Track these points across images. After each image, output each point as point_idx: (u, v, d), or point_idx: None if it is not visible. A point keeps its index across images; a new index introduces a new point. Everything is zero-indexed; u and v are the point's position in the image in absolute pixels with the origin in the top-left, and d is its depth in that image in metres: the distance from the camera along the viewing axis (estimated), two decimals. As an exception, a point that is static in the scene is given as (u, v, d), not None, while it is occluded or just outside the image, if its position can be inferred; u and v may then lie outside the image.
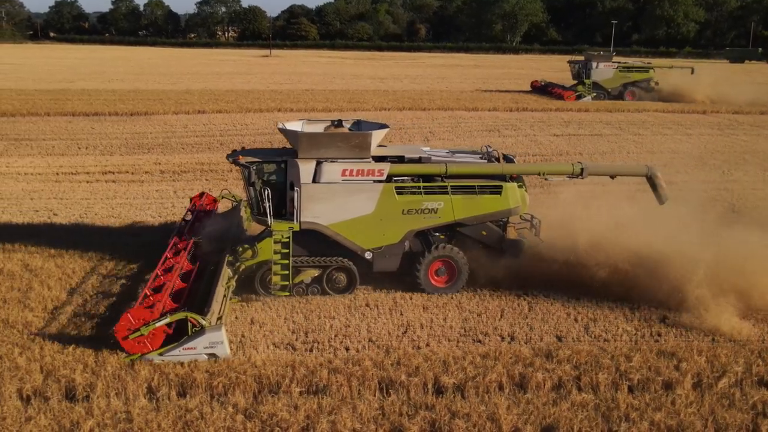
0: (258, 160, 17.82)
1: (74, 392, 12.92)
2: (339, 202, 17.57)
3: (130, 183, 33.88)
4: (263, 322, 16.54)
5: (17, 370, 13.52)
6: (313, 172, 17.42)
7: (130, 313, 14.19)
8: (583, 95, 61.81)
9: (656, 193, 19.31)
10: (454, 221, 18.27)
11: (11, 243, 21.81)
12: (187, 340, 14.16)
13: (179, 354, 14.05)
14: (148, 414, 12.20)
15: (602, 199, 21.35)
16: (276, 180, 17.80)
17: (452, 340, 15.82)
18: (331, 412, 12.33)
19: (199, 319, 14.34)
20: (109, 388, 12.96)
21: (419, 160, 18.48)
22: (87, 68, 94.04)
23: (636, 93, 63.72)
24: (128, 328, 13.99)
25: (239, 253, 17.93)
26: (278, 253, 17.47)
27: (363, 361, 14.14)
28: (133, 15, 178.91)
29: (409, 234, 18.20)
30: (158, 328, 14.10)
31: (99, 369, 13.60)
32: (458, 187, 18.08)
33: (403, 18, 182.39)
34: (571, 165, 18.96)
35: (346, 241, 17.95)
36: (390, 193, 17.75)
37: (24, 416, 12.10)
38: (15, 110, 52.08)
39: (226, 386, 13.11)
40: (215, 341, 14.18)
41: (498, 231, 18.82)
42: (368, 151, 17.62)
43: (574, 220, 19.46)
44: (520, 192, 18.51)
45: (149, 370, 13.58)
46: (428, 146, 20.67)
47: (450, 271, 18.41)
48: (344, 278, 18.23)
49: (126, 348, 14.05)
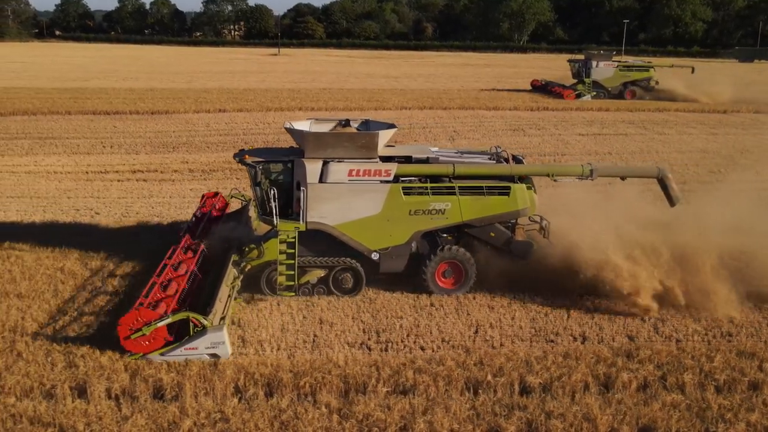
0: (264, 159, 17.73)
1: (162, 392, 12.90)
2: (345, 203, 17.43)
3: (161, 182, 33.84)
4: (332, 321, 16.50)
5: (102, 370, 13.51)
6: (319, 172, 17.26)
7: (131, 313, 14.13)
8: (582, 94, 61.83)
9: (667, 195, 18.98)
10: (462, 222, 18.08)
11: (67, 243, 21.75)
12: (189, 340, 14.13)
13: (181, 354, 14.03)
14: (242, 414, 12.17)
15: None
16: (282, 180, 17.71)
17: (525, 340, 15.78)
18: (425, 412, 12.30)
19: (200, 319, 14.28)
20: (197, 388, 12.94)
21: (427, 160, 18.34)
22: (98, 67, 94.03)
23: (636, 92, 63.66)
24: (130, 328, 13.96)
25: (245, 253, 17.84)
26: (284, 253, 17.29)
27: (445, 361, 14.11)
28: (139, 13, 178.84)
29: (416, 235, 18.04)
30: (160, 327, 14.04)
31: (184, 369, 13.58)
32: (466, 188, 17.88)
33: (409, 17, 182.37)
34: (580, 166, 18.67)
35: (352, 242, 17.79)
36: (397, 194, 17.60)
37: (119, 415, 12.08)
38: (36, 109, 52.06)
39: (312, 386, 13.08)
40: (217, 341, 14.13)
41: (506, 232, 18.56)
42: (375, 151, 17.48)
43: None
44: (528, 193, 18.30)
45: (234, 370, 13.54)
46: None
47: (457, 273, 18.23)
48: (350, 279, 18.04)
49: (127, 347, 14.05)
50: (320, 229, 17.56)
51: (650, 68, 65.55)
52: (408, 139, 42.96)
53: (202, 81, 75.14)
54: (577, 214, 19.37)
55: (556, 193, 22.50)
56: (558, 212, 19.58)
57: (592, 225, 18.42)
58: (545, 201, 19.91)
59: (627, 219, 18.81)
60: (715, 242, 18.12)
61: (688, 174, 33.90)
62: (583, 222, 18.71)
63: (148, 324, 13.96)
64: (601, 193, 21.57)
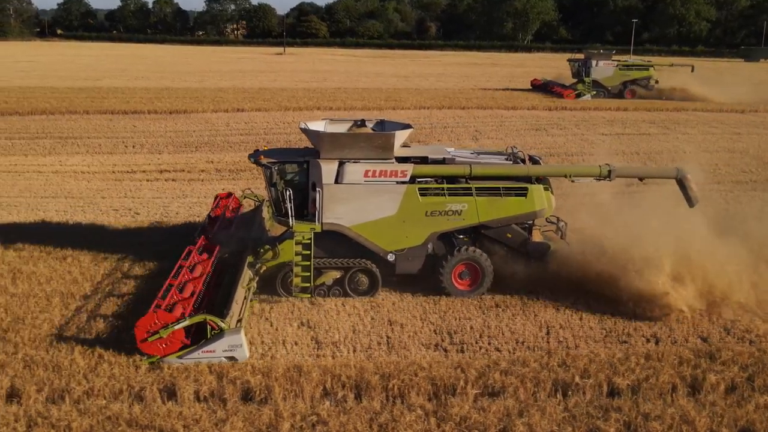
0: (280, 160, 17.58)
1: (251, 394, 12.82)
2: (361, 204, 17.29)
3: (190, 182, 33.80)
4: (402, 323, 16.44)
5: (188, 372, 13.44)
6: (335, 172, 17.15)
7: (148, 315, 13.95)
8: (582, 93, 61.78)
9: (686, 196, 18.75)
10: (479, 223, 17.96)
11: (119, 243, 21.68)
12: (206, 342, 14.00)
13: (198, 357, 13.90)
14: (339, 416, 12.10)
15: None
16: (298, 180, 17.54)
17: (598, 341, 15.73)
18: (521, 414, 12.24)
19: (218, 322, 14.11)
20: (285, 390, 12.86)
21: (443, 161, 18.22)
22: (106, 66, 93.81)
23: (635, 91, 63.62)
24: (147, 330, 13.80)
25: (260, 255, 17.70)
26: (299, 255, 17.09)
27: (528, 363, 14.07)
28: (142, 12, 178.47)
29: (433, 236, 17.90)
30: (177, 330, 13.91)
31: (269, 371, 13.50)
32: (483, 189, 17.76)
33: (411, 16, 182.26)
34: (598, 167, 18.51)
35: (368, 243, 17.65)
36: (413, 195, 17.47)
37: (215, 418, 12.00)
38: (53, 108, 51.93)
39: (401, 388, 13.01)
40: (235, 344, 13.99)
41: (523, 234, 18.46)
42: (391, 152, 17.38)
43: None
44: (546, 194, 18.19)
45: (319, 372, 13.47)
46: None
47: (474, 274, 18.08)
48: (366, 280, 17.87)
49: (144, 350, 13.90)
50: (336, 230, 17.42)
51: (650, 67, 65.65)
52: (431, 138, 42.95)
53: (214, 80, 74.98)
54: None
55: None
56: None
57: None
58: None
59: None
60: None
61: (720, 174, 33.92)
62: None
63: (165, 327, 13.83)
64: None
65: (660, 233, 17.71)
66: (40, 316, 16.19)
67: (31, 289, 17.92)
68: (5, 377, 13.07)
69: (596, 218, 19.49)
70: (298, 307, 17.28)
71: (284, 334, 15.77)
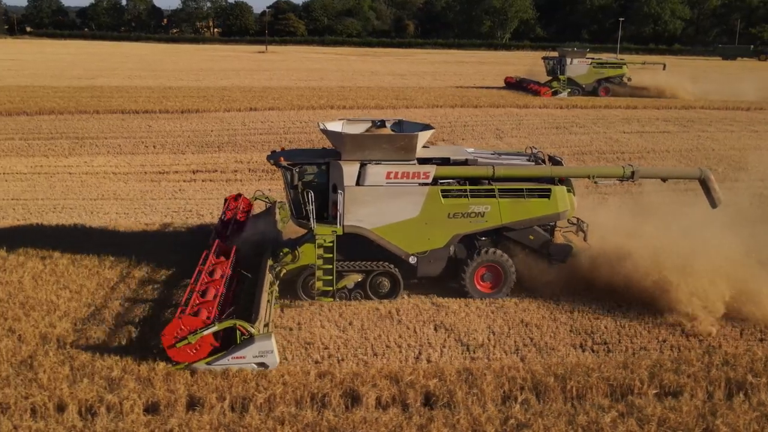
0: (300, 162, 17.26)
1: (433, 399, 12.68)
2: (383, 206, 17.07)
3: (228, 182, 33.45)
4: (536, 323, 16.40)
5: (360, 376, 13.23)
6: (356, 174, 16.91)
7: (176, 321, 13.61)
8: (558, 91, 62.41)
9: (709, 197, 18.74)
10: (501, 225, 17.77)
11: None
12: (236, 348, 13.62)
13: (228, 363, 13.53)
14: (538, 419, 12.01)
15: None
16: (317, 182, 17.24)
17: (735, 338, 15.83)
18: (713, 413, 12.26)
19: (248, 327, 13.76)
20: (467, 394, 12.74)
21: (465, 162, 18.03)
22: (92, 64, 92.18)
23: (609, 89, 64.35)
24: (175, 336, 13.46)
25: (280, 258, 17.41)
26: (321, 258, 16.90)
27: (692, 362, 14.06)
28: (116, 10, 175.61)
29: (455, 238, 17.71)
30: (206, 336, 13.58)
31: (443, 374, 13.37)
32: (506, 191, 17.59)
33: (387, 14, 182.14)
34: (621, 167, 18.41)
35: (389, 245, 17.44)
36: (436, 197, 17.29)
37: (412, 422, 11.83)
38: (62, 108, 50.93)
39: (579, 390, 12.99)
40: (265, 350, 13.62)
41: (545, 235, 18.30)
42: (413, 153, 17.15)
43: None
44: (568, 195, 18.09)
45: (492, 375, 13.36)
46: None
47: (496, 277, 17.92)
48: (388, 283, 17.67)
49: (172, 356, 13.55)
50: (357, 232, 17.18)
51: (623, 65, 66.50)
52: (454, 138, 42.90)
53: (211, 79, 74.13)
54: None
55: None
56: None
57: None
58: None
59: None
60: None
61: (763, 171, 34.15)
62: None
63: (193, 332, 13.48)
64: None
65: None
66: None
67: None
68: (180, 386, 12.73)
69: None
70: (422, 308, 17.17)
71: (425, 336, 15.65)
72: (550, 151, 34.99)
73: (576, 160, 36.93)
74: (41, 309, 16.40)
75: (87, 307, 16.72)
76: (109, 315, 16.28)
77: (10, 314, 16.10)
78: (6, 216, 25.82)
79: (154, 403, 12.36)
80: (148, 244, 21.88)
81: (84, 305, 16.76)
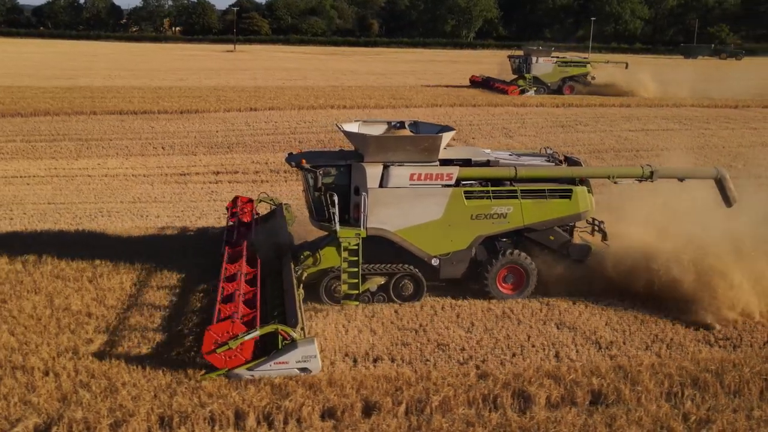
0: (323, 164, 17.04)
1: (601, 397, 12.82)
2: (406, 208, 17.00)
3: (254, 183, 33.24)
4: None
5: (522, 377, 13.34)
6: (380, 176, 16.82)
7: (213, 328, 13.35)
8: (526, 90, 63.37)
9: (724, 196, 18.84)
10: (523, 226, 17.77)
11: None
12: (278, 353, 13.28)
13: (270, 369, 13.18)
14: (721, 414, 12.25)
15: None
16: (338, 184, 17.02)
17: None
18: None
19: (290, 332, 13.47)
20: (631, 391, 12.92)
21: (487, 163, 17.99)
22: (62, 64, 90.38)
23: (574, 87, 65.49)
24: (215, 342, 13.15)
25: (301, 261, 17.25)
26: (347, 261, 16.65)
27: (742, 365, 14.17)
28: (74, 8, 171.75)
29: (478, 239, 17.69)
30: (247, 341, 13.27)
31: (598, 372, 13.53)
32: (528, 191, 17.60)
33: (349, 12, 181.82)
34: (640, 167, 18.55)
35: (412, 248, 17.36)
36: (459, 198, 17.24)
37: (592, 421, 11.99)
38: (57, 109, 49.82)
39: (736, 384, 13.27)
40: (308, 355, 13.31)
41: (565, 236, 18.32)
42: (436, 155, 17.08)
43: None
44: (588, 196, 18.14)
45: (650, 371, 13.57)
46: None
47: (518, 278, 17.88)
48: (411, 286, 17.50)
49: (212, 363, 13.22)
50: (380, 235, 17.09)
51: (587, 64, 67.86)
52: (464, 137, 43.11)
53: (195, 79, 73.22)
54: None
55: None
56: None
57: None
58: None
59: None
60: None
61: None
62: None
63: (234, 337, 13.16)
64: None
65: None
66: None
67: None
68: (351, 391, 12.66)
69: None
70: (534, 308, 17.31)
71: (552, 335, 15.81)
72: (563, 150, 35.55)
73: (595, 159, 37.48)
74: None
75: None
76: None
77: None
78: (58, 221, 25.22)
79: (329, 408, 12.24)
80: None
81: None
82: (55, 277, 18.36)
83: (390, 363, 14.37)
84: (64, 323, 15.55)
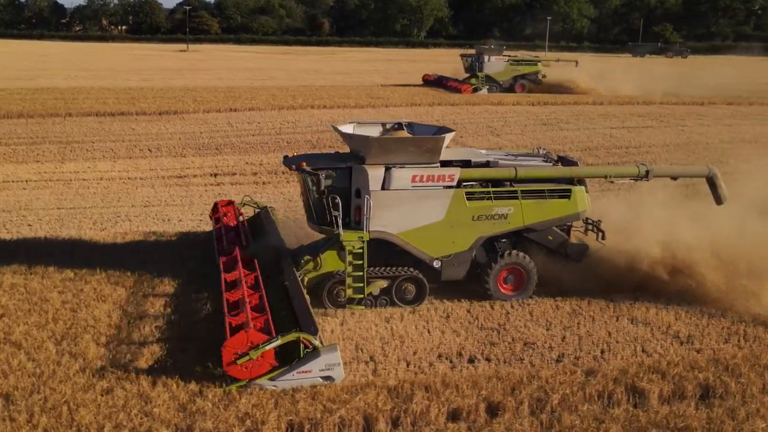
0: (323, 167, 16.77)
1: (710, 391, 13.08)
2: (408, 210, 16.88)
3: (255, 184, 32.83)
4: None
5: (619, 373, 13.58)
6: (382, 178, 16.66)
7: (233, 339, 12.94)
8: (479, 88, 64.23)
9: (715, 194, 19.13)
10: (524, 227, 17.82)
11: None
12: (301, 362, 12.92)
13: (292, 378, 12.82)
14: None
15: None
16: (337, 187, 16.81)
17: None
18: None
19: (312, 340, 13.09)
20: (736, 384, 13.24)
21: (486, 164, 17.99)
22: (19, 64, 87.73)
23: (525, 85, 66.70)
24: (234, 353, 12.74)
25: (301, 266, 17.03)
26: (351, 264, 16.59)
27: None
28: (14, 6, 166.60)
29: (479, 241, 17.68)
30: (268, 351, 12.86)
31: (701, 366, 13.85)
32: (528, 192, 17.64)
33: (297, 11, 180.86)
34: (636, 167, 18.68)
35: (414, 250, 17.26)
36: (461, 199, 17.18)
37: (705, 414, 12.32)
38: (31, 111, 48.38)
39: None
40: (332, 363, 12.98)
41: (563, 235, 18.47)
42: (438, 156, 17.01)
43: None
44: (586, 195, 18.27)
45: (746, 366, 13.91)
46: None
47: (518, 279, 17.94)
48: (413, 289, 17.40)
49: (232, 374, 12.80)
50: (382, 237, 16.98)
51: (538, 63, 69.13)
52: (455, 136, 43.30)
53: (160, 80, 72.01)
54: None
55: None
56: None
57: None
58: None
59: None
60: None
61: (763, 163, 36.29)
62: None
63: (255, 347, 12.78)
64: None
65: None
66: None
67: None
68: (471, 391, 12.67)
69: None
70: (600, 304, 17.57)
71: (632, 331, 16.07)
72: (555, 148, 36.14)
73: (591, 157, 38.12)
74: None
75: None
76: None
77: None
78: (81, 226, 24.57)
79: (454, 410, 12.26)
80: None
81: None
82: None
83: (486, 363, 14.47)
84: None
